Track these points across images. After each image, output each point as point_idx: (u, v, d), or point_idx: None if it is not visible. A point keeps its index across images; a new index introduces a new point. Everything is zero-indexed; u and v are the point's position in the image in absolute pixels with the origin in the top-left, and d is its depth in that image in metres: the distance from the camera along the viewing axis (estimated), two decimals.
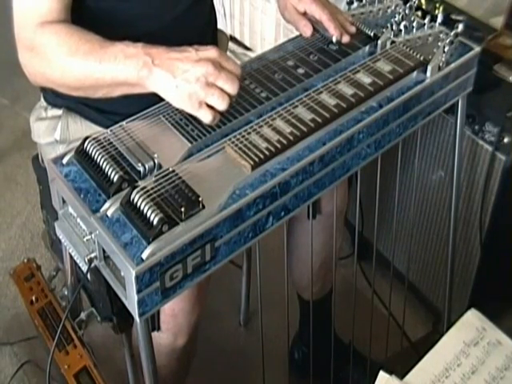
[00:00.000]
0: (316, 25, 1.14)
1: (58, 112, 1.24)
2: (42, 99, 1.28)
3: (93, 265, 0.90)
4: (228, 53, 1.48)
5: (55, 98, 1.20)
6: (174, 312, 1.15)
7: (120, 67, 0.93)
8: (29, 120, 1.29)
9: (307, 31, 1.14)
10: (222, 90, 0.91)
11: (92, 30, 1.00)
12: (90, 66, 0.95)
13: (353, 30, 1.14)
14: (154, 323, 1.14)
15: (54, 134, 1.23)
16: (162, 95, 0.93)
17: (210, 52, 0.92)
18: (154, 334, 0.98)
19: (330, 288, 1.55)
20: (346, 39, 1.12)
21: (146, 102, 0.99)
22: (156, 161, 0.89)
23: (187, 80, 0.89)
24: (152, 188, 0.85)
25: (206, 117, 0.91)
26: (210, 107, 0.91)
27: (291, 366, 1.63)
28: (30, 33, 1.01)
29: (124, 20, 1.12)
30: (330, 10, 1.13)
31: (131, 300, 0.83)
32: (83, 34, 0.99)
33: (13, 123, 2.49)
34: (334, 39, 1.11)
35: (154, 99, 0.97)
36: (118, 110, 0.99)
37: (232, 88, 0.91)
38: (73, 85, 1.00)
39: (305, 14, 1.15)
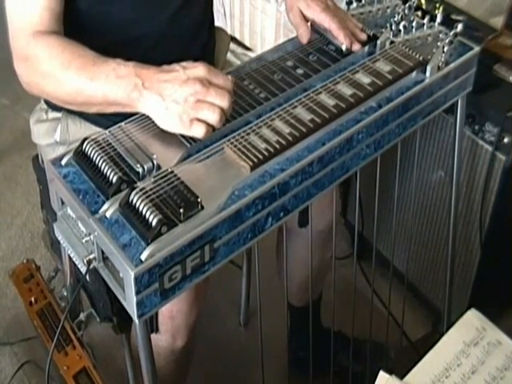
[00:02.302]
0: (325, 33, 1.13)
1: (58, 114, 1.23)
2: (42, 101, 1.27)
3: (92, 266, 0.90)
4: (228, 53, 1.48)
5: None
6: (172, 314, 1.15)
7: (111, 87, 0.93)
8: (29, 120, 1.29)
9: (304, 39, 1.12)
10: (212, 104, 0.90)
11: (85, 34, 1.00)
12: (81, 83, 0.95)
13: (363, 37, 1.12)
14: (152, 325, 1.13)
15: (53, 135, 1.23)
16: (153, 118, 0.93)
17: (198, 70, 0.91)
18: (153, 336, 0.98)
19: (319, 295, 1.58)
20: (356, 47, 1.11)
21: None
22: (155, 162, 0.89)
23: (176, 101, 0.89)
24: (151, 189, 0.85)
25: (198, 131, 0.90)
26: (202, 121, 0.90)
27: (290, 364, 1.63)
28: (24, 43, 1.01)
29: (117, 24, 1.12)
30: (340, 18, 1.11)
31: (130, 301, 0.83)
32: (76, 49, 0.98)
33: (13, 123, 2.50)
34: (344, 48, 1.10)
35: None
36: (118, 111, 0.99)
37: (223, 102, 0.90)
38: (66, 99, 1.01)
39: (313, 21, 1.13)
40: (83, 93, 0.96)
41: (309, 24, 1.14)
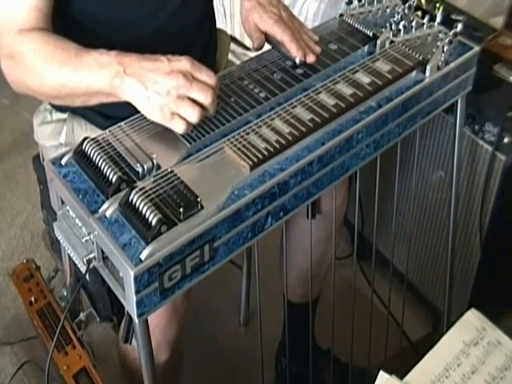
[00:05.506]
0: (279, 45, 1.09)
1: (63, 115, 1.23)
2: (46, 101, 1.27)
3: (91, 265, 0.90)
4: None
5: None
6: (150, 329, 1.14)
7: (93, 77, 0.93)
8: (29, 120, 1.29)
9: (258, 46, 1.10)
10: (194, 101, 0.89)
11: (84, 35, 1.00)
12: (65, 75, 0.95)
13: (318, 49, 1.09)
14: (127, 336, 1.10)
15: (58, 137, 1.22)
16: (135, 105, 0.92)
17: (182, 63, 0.91)
18: (135, 348, 0.97)
19: (317, 296, 1.53)
20: (310, 59, 1.07)
21: None
22: (155, 161, 0.89)
23: (158, 92, 0.89)
24: (151, 188, 0.85)
25: (178, 127, 0.90)
26: (182, 117, 0.90)
27: (277, 376, 1.61)
28: (9, 40, 1.01)
29: (116, 24, 1.11)
30: (293, 30, 1.08)
31: (130, 301, 0.83)
32: (59, 42, 0.98)
33: (13, 123, 2.50)
34: (298, 61, 1.06)
35: None
36: (123, 115, 0.99)
37: (205, 99, 0.89)
38: (50, 93, 1.00)
39: (266, 33, 1.10)
40: (67, 85, 0.96)
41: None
